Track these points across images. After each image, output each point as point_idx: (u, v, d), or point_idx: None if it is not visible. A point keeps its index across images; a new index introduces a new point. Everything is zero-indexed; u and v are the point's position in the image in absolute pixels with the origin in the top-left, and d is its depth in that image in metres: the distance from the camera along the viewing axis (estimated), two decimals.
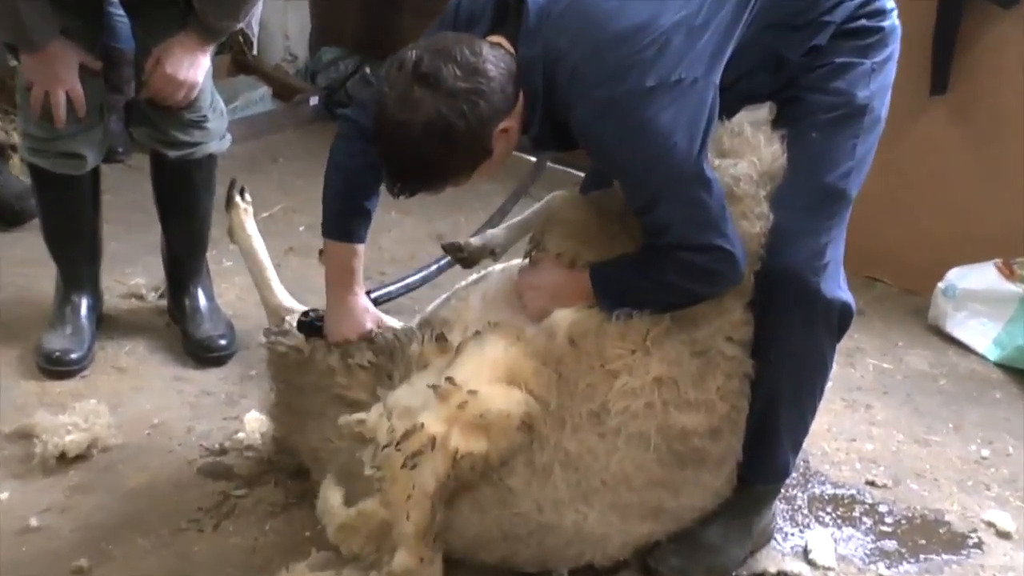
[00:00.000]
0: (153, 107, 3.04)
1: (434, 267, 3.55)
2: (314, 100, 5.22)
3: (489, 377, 2.26)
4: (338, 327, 2.53)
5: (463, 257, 2.75)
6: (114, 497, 2.74)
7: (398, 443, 2.23)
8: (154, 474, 2.83)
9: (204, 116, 3.11)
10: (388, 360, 2.46)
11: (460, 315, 2.50)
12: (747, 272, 2.32)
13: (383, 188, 2.40)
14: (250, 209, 2.97)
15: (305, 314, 2.66)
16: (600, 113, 2.13)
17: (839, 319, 2.41)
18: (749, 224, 2.31)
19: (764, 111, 2.42)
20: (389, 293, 2.87)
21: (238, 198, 2.95)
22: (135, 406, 3.08)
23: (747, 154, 2.37)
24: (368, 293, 2.62)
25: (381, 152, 2.18)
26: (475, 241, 2.77)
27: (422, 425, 2.22)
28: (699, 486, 2.42)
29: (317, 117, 5.21)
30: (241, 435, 2.94)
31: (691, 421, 2.32)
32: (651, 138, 2.12)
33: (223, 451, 2.91)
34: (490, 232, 2.77)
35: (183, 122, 3.08)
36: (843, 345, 2.55)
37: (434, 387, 2.24)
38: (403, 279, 3.38)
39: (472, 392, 2.23)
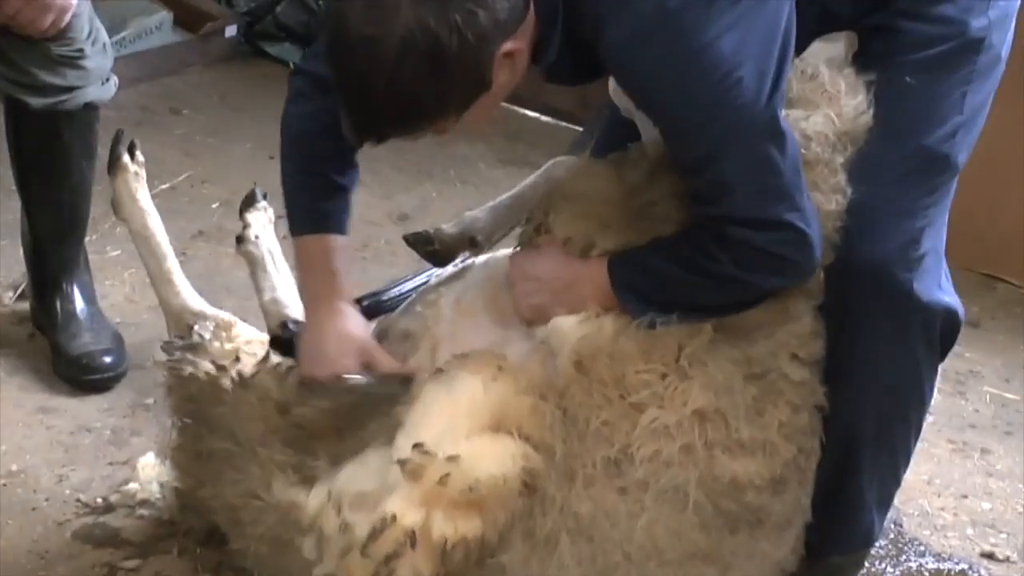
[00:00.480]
0: (9, 36, 3.03)
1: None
2: (231, 31, 5.21)
3: (468, 429, 2.25)
4: (318, 355, 2.46)
5: (433, 251, 2.73)
6: None
7: (364, 547, 2.23)
8: (10, 540, 2.81)
9: (80, 51, 3.10)
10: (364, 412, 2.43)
11: (427, 327, 2.50)
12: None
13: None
14: (142, 173, 2.95)
15: (283, 326, 2.60)
16: (643, 33, 2.12)
17: (941, 330, 2.42)
18: (823, 199, 2.32)
19: (842, 44, 2.44)
20: (382, 302, 2.80)
21: (126, 157, 2.93)
22: None
23: (823, 105, 2.38)
24: (358, 302, 2.59)
25: (339, 81, 2.14)
26: (449, 229, 2.76)
27: (393, 517, 2.21)
28: (754, 558, 2.41)
29: (235, 54, 5.20)
30: (132, 486, 2.93)
31: (744, 470, 2.32)
32: (710, 70, 2.11)
33: (108, 508, 2.90)
34: (468, 216, 2.76)
35: (51, 58, 3.07)
36: (950, 367, 2.57)
37: (400, 462, 2.23)
38: (402, 281, 3.25)
39: (452, 459, 2.22)
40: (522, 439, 2.27)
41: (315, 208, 2.47)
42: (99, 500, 2.93)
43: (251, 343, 2.70)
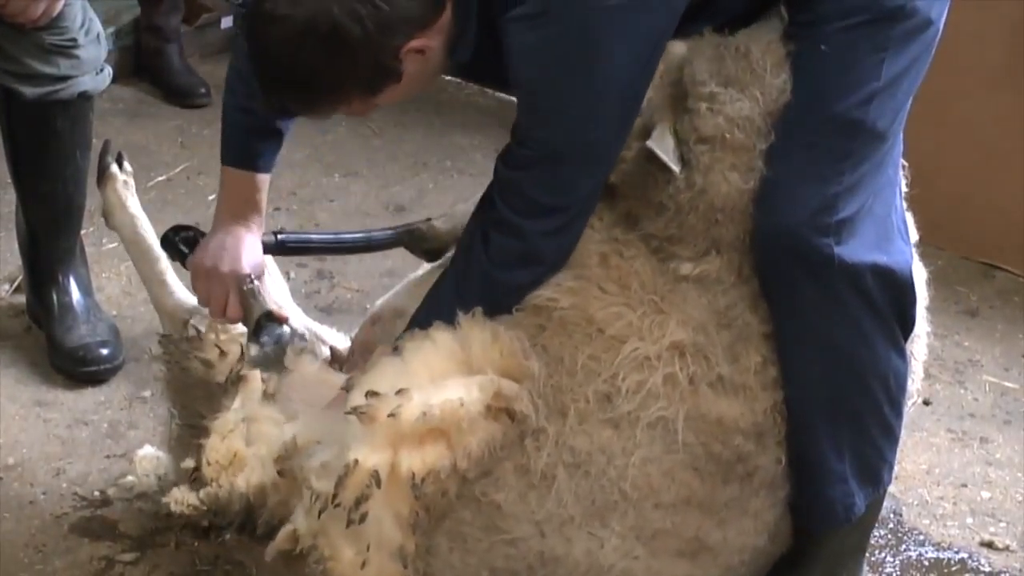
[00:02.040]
0: (0, 25, 3.01)
1: (384, 233, 3.21)
2: (227, 22, 5.19)
3: (426, 377, 2.29)
4: (215, 252, 2.62)
5: (428, 248, 2.79)
6: None
7: (334, 497, 2.25)
8: (7, 534, 2.81)
9: (73, 40, 3.09)
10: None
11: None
12: (741, 233, 2.36)
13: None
14: (131, 182, 2.96)
15: (175, 230, 2.76)
16: (541, 13, 2.19)
17: (882, 290, 2.42)
18: (741, 179, 2.36)
19: (777, 21, 2.44)
20: (308, 241, 2.88)
21: (114, 167, 2.94)
22: None
23: (750, 85, 2.40)
24: (276, 235, 2.74)
25: (250, 52, 2.29)
26: (440, 224, 2.79)
27: (356, 462, 2.24)
28: (747, 515, 2.44)
29: (231, 45, 5.18)
30: (129, 479, 2.90)
31: (729, 409, 2.37)
32: (584, 70, 2.21)
33: (105, 501, 2.90)
34: (460, 209, 2.79)
35: (43, 47, 3.06)
36: (948, 356, 2.56)
37: (352, 412, 2.26)
38: (338, 233, 3.24)
39: (401, 392, 2.25)
40: (497, 374, 2.31)
41: (251, 146, 2.61)
42: (96, 493, 2.93)
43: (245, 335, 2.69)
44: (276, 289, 2.89)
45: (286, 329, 2.64)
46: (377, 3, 2.18)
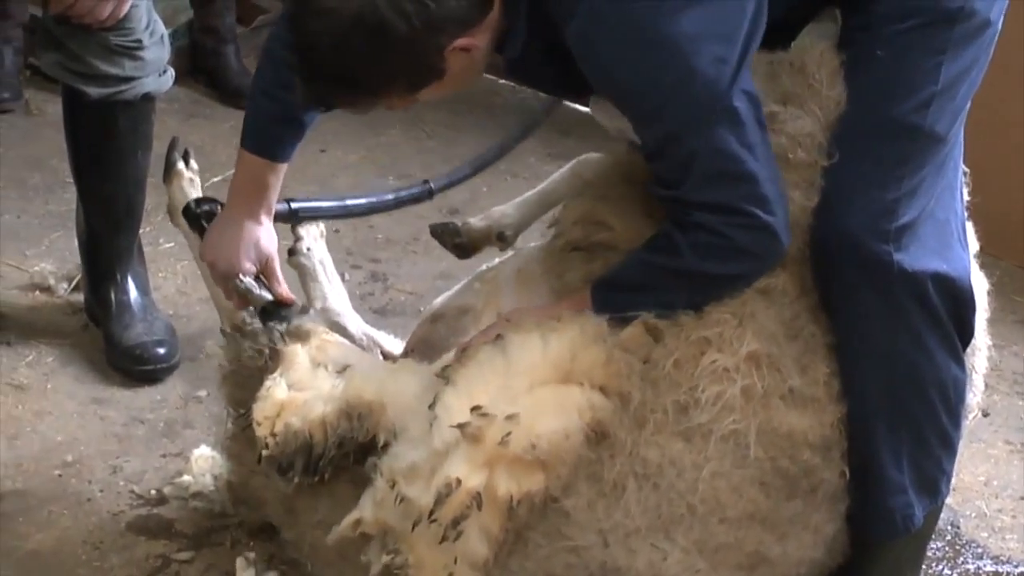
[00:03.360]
0: (67, 25, 3.04)
1: (393, 196, 3.24)
2: None
3: (528, 386, 2.27)
4: (217, 245, 2.68)
5: (460, 243, 2.81)
6: (9, 563, 2.74)
7: (431, 514, 2.25)
8: (65, 531, 2.84)
9: (138, 41, 3.11)
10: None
11: (488, 300, 2.54)
12: (802, 245, 2.35)
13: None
14: (197, 180, 2.98)
15: (199, 202, 2.78)
16: (602, 19, 2.18)
17: (942, 299, 2.40)
18: (804, 197, 2.36)
19: (831, 25, 2.43)
20: (318, 209, 2.95)
21: (180, 164, 2.96)
22: (40, 438, 3.10)
23: (808, 100, 2.40)
24: (288, 202, 2.78)
25: (295, 44, 2.28)
26: (476, 223, 2.79)
27: (458, 481, 2.23)
28: (808, 530, 2.43)
29: (269, 31, 5.18)
30: (185, 478, 2.95)
31: (799, 422, 2.36)
32: (666, 54, 2.17)
33: (161, 500, 2.92)
34: (497, 211, 2.81)
35: (109, 48, 3.08)
36: (1006, 367, 2.54)
37: (460, 427, 2.25)
38: (344, 198, 3.23)
39: (511, 418, 2.24)
40: (593, 388, 2.29)
41: (272, 133, 2.63)
42: (153, 492, 2.95)
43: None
44: (333, 290, 2.91)
45: (294, 309, 2.68)
46: (425, 1, 2.17)
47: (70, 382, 3.29)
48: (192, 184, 2.96)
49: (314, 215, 2.92)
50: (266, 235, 2.69)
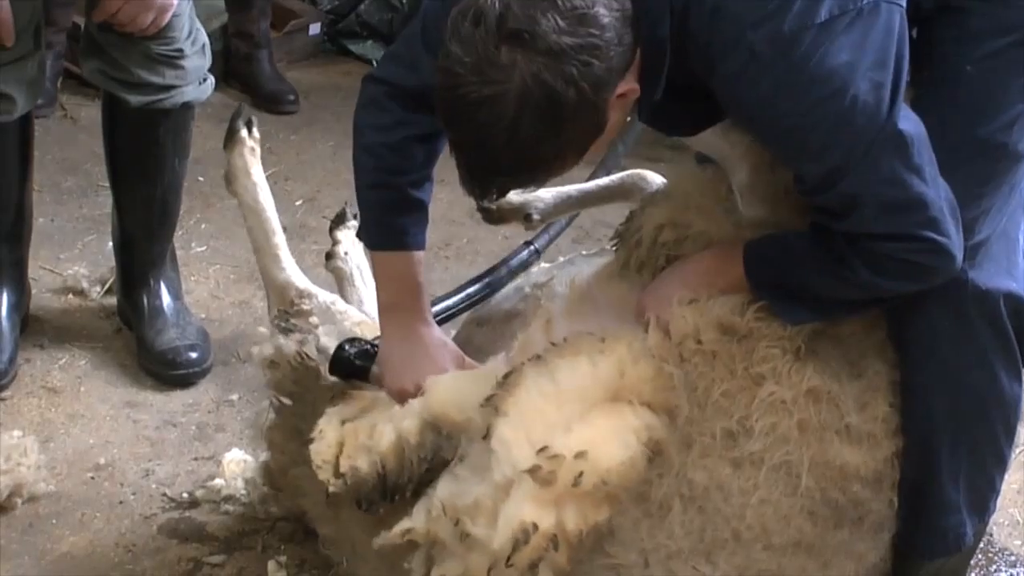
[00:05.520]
0: (109, 33, 3.06)
1: (506, 267, 3.12)
2: (314, 29, 5.23)
3: (581, 412, 2.25)
4: (404, 370, 2.46)
5: (488, 208, 2.77)
6: (42, 565, 2.76)
7: (508, 559, 2.22)
8: (98, 534, 2.85)
9: (179, 50, 3.13)
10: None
11: (539, 305, 2.51)
12: None
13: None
14: (258, 149, 2.97)
15: (341, 347, 2.52)
16: (760, 60, 2.11)
17: (1012, 318, 2.39)
18: None
19: None
20: (449, 308, 2.84)
21: (243, 132, 2.95)
22: (73, 441, 3.12)
23: None
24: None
25: (456, 142, 2.14)
26: (512, 195, 2.78)
27: (534, 526, 2.21)
28: (852, 558, 2.42)
29: (318, 52, 5.22)
30: (217, 482, 2.97)
31: (853, 458, 2.34)
32: (829, 90, 2.11)
33: (193, 503, 2.94)
34: (533, 193, 2.80)
35: (150, 56, 3.11)
36: None
37: (531, 471, 2.19)
38: (464, 288, 3.10)
39: (580, 455, 2.20)
40: (642, 406, 2.27)
41: (394, 224, 2.46)
42: (185, 495, 2.97)
43: (360, 324, 2.70)
44: (369, 295, 2.90)
45: None
46: (584, 59, 2.04)
47: (103, 385, 3.31)
48: (253, 153, 2.95)
49: (446, 319, 2.80)
50: (440, 333, 2.52)
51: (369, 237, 2.52)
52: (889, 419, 2.39)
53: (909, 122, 2.19)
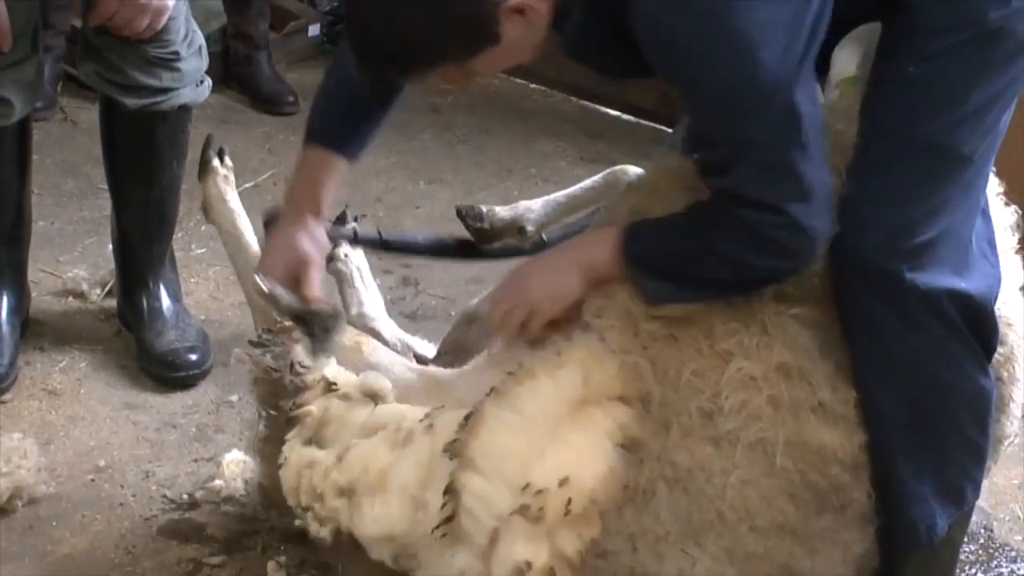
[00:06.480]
0: (105, 36, 3.07)
1: (451, 238, 3.24)
2: (313, 30, 5.24)
3: (552, 431, 2.25)
4: (267, 252, 2.63)
5: (481, 228, 2.79)
6: (43, 567, 2.77)
7: None
8: (98, 535, 2.86)
9: (175, 53, 3.14)
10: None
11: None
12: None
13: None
14: (231, 177, 3.00)
15: (274, 218, 2.70)
16: (672, 2, 2.14)
17: (961, 315, 2.38)
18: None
19: (866, 39, 2.42)
20: (382, 239, 2.94)
21: (216, 162, 2.97)
22: (73, 443, 3.12)
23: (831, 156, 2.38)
24: (337, 221, 2.73)
25: (347, 16, 2.28)
26: (502, 212, 2.79)
27: (528, 564, 2.23)
28: (837, 547, 2.42)
29: (317, 52, 5.24)
30: (217, 483, 2.96)
31: (829, 438, 2.35)
32: (735, 43, 2.13)
33: (193, 504, 2.94)
34: (523, 204, 2.83)
35: (147, 59, 3.11)
36: None
37: (520, 511, 2.21)
38: (419, 234, 3.27)
39: (564, 483, 2.21)
40: (613, 401, 2.29)
41: (340, 126, 2.56)
42: (184, 496, 2.97)
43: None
44: (369, 296, 2.92)
45: (327, 315, 2.60)
46: None
47: (103, 387, 3.31)
48: (227, 181, 2.97)
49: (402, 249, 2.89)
50: (307, 237, 2.58)
51: (310, 131, 2.61)
52: (859, 407, 2.39)
53: (807, 99, 2.20)
